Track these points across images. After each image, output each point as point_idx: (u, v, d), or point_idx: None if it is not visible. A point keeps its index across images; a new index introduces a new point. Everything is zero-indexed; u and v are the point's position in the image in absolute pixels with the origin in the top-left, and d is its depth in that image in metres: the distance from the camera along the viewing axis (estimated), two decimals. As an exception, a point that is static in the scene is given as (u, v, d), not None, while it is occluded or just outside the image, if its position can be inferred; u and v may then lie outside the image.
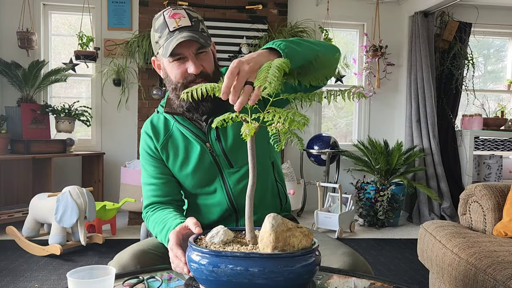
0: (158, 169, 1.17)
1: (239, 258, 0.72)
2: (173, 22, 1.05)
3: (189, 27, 1.04)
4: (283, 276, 0.72)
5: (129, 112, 4.02)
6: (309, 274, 0.76)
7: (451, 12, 4.28)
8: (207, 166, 1.15)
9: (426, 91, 4.03)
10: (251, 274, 0.71)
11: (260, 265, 0.71)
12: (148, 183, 1.18)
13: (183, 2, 3.87)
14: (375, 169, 3.80)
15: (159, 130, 1.18)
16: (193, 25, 1.05)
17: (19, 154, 3.35)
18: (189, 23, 1.05)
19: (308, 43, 0.94)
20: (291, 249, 0.75)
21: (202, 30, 1.07)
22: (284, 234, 0.75)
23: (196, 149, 1.15)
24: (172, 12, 1.07)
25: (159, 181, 1.17)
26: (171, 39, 1.03)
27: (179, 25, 1.04)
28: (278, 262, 0.72)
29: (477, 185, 1.90)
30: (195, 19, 1.07)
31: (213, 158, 1.15)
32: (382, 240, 3.29)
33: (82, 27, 3.83)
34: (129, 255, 1.05)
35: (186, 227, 0.92)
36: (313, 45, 0.95)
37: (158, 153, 1.17)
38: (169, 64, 1.08)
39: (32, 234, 2.84)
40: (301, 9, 4.24)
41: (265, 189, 1.21)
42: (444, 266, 1.61)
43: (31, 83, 3.59)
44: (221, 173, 1.16)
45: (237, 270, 0.72)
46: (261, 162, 1.15)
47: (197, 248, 0.77)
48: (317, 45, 0.96)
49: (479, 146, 4.12)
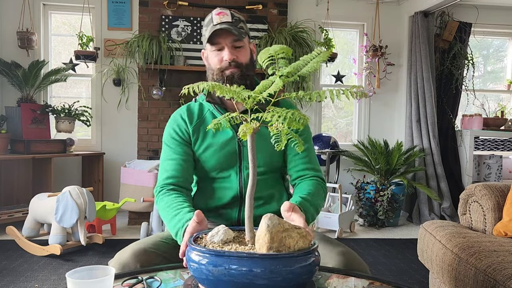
0: (182, 148, 1.27)
1: (238, 258, 0.72)
2: (217, 19, 1.23)
3: (229, 22, 1.22)
4: (281, 276, 0.72)
5: (129, 112, 4.02)
6: (308, 274, 0.77)
7: (451, 12, 4.28)
8: (230, 152, 1.25)
9: (426, 91, 4.03)
10: (250, 274, 0.71)
11: (259, 265, 0.72)
12: (169, 158, 1.26)
13: (183, 2, 3.87)
14: (375, 169, 3.80)
15: (193, 114, 1.30)
16: (233, 22, 1.23)
17: (19, 154, 3.35)
18: (230, 19, 1.23)
19: (319, 205, 1.20)
20: (287, 250, 0.75)
21: (240, 27, 1.25)
22: (279, 235, 0.75)
23: (226, 134, 1.25)
24: (219, 11, 1.25)
25: (180, 157, 1.25)
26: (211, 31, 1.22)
27: (221, 21, 1.22)
28: (277, 263, 0.72)
29: (477, 185, 1.90)
30: (236, 18, 1.25)
31: (238, 147, 1.26)
32: (382, 240, 3.29)
33: (82, 27, 3.83)
34: (129, 254, 1.06)
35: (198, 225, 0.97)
36: (320, 203, 1.21)
37: (187, 136, 1.28)
38: (210, 53, 1.26)
39: (32, 234, 2.84)
40: (301, 9, 4.24)
41: (272, 190, 1.30)
42: (444, 266, 1.61)
43: (31, 83, 3.59)
44: (240, 162, 1.26)
45: (236, 270, 0.72)
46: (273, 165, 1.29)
47: (197, 248, 0.77)
48: (321, 200, 1.22)
49: (479, 146, 4.12)
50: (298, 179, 1.28)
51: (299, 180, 1.28)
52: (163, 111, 3.86)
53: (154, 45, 3.60)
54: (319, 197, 1.20)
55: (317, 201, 1.18)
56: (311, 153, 1.31)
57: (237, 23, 1.24)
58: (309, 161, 1.29)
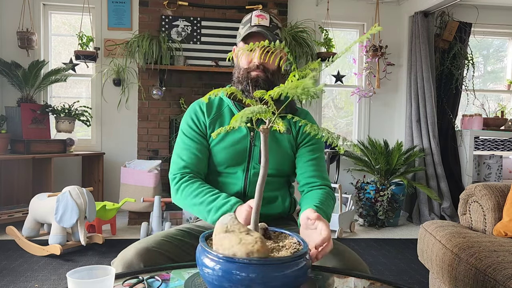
0: (199, 139, 1.29)
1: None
2: (256, 20, 1.26)
3: (266, 27, 1.25)
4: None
5: (129, 112, 4.02)
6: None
7: (451, 12, 4.28)
8: (241, 149, 1.28)
9: (426, 91, 4.03)
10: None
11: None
12: (185, 147, 1.28)
13: (183, 2, 3.87)
14: (375, 169, 3.80)
15: (212, 107, 1.33)
16: (269, 27, 1.27)
17: (19, 154, 3.35)
18: (267, 24, 1.26)
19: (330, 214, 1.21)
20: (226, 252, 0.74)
21: (276, 34, 1.28)
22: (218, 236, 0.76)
23: (240, 131, 1.28)
24: (259, 13, 1.28)
25: (196, 148, 1.28)
26: (248, 31, 1.25)
27: (259, 23, 1.25)
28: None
29: (477, 185, 1.90)
30: (274, 24, 1.28)
31: (250, 146, 1.29)
32: (382, 240, 3.29)
33: (82, 27, 3.83)
34: (133, 253, 1.06)
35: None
36: (331, 212, 1.22)
37: (204, 127, 1.30)
38: (242, 51, 1.26)
39: (32, 234, 2.84)
40: (301, 9, 4.24)
41: (277, 192, 1.32)
42: (444, 266, 1.61)
43: (31, 83, 3.59)
44: (248, 161, 1.29)
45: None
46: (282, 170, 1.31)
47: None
48: (331, 210, 1.24)
49: (479, 146, 4.12)
50: (307, 186, 1.29)
51: (308, 187, 1.29)
52: (163, 111, 3.86)
53: (154, 45, 3.60)
54: (329, 206, 1.21)
55: (328, 209, 1.19)
56: (321, 162, 1.34)
57: (274, 29, 1.28)
58: (319, 169, 1.31)
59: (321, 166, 1.33)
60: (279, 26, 1.30)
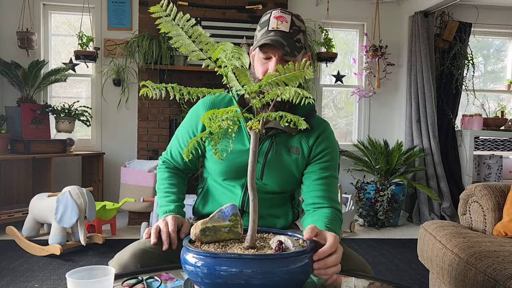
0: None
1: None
2: (274, 23, 1.10)
3: (285, 33, 1.09)
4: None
5: (129, 112, 4.02)
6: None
7: (451, 12, 4.28)
8: (241, 164, 1.17)
9: (426, 91, 4.03)
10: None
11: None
12: (180, 142, 1.29)
13: (183, 2, 3.87)
14: (375, 169, 3.80)
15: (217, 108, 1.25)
16: (290, 32, 1.09)
17: (19, 154, 3.35)
18: (287, 29, 1.09)
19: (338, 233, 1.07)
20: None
21: (297, 40, 1.10)
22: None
23: (243, 143, 1.18)
24: (279, 14, 1.11)
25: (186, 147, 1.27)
26: (264, 37, 1.09)
27: (277, 28, 1.09)
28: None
29: (477, 185, 1.90)
30: (295, 28, 1.11)
31: None
32: (382, 240, 3.29)
33: (82, 27, 3.83)
34: (129, 255, 1.06)
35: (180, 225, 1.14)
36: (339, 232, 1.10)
37: (202, 131, 1.21)
38: (257, 58, 1.14)
39: (32, 234, 2.84)
40: (301, 9, 4.24)
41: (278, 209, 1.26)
42: (444, 266, 1.61)
43: (31, 83, 3.59)
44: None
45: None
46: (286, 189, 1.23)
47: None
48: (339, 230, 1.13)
49: (479, 146, 4.11)
50: (312, 205, 1.17)
51: (313, 207, 1.16)
52: (163, 111, 3.86)
53: (154, 45, 3.60)
54: (338, 226, 1.11)
55: (337, 230, 1.07)
56: (332, 182, 1.19)
57: (295, 34, 1.10)
58: (328, 189, 1.17)
59: (332, 187, 1.18)
60: (302, 29, 1.13)
